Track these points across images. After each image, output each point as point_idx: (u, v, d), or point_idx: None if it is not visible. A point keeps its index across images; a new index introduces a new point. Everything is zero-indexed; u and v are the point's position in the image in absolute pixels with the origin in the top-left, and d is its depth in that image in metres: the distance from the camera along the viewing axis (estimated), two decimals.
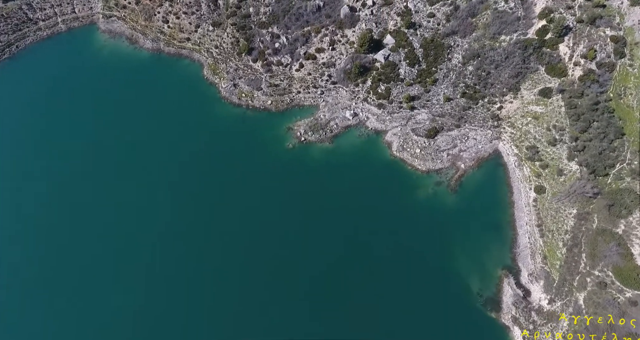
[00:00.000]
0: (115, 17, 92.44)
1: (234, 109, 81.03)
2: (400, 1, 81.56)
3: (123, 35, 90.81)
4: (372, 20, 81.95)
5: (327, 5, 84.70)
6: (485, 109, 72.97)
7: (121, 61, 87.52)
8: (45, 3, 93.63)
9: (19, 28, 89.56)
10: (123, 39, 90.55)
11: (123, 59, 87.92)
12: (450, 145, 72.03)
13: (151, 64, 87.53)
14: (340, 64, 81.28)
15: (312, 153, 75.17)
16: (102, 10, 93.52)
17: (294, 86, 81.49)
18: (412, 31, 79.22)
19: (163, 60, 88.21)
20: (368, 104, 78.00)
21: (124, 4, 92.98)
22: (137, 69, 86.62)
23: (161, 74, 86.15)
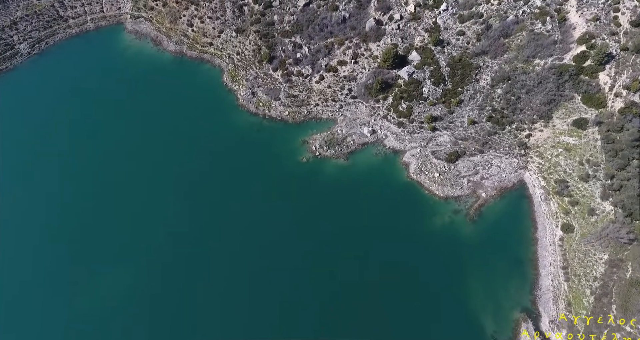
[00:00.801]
0: (142, 18, 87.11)
1: (250, 118, 74.42)
2: (429, 17, 73.39)
3: (148, 37, 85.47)
4: (398, 35, 74.04)
5: (352, 17, 77.14)
6: (512, 136, 64.31)
7: (144, 62, 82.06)
8: (77, 1, 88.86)
9: (50, 25, 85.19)
10: (148, 40, 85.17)
11: (146, 60, 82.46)
12: (471, 171, 63.69)
13: (173, 67, 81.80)
14: (361, 78, 73.74)
15: (326, 169, 67.94)
16: (130, 11, 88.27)
17: (313, 98, 74.35)
18: (439, 49, 71.00)
19: (185, 63, 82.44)
20: (387, 122, 70.24)
21: (151, 5, 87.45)
22: (159, 71, 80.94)
23: (182, 77, 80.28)
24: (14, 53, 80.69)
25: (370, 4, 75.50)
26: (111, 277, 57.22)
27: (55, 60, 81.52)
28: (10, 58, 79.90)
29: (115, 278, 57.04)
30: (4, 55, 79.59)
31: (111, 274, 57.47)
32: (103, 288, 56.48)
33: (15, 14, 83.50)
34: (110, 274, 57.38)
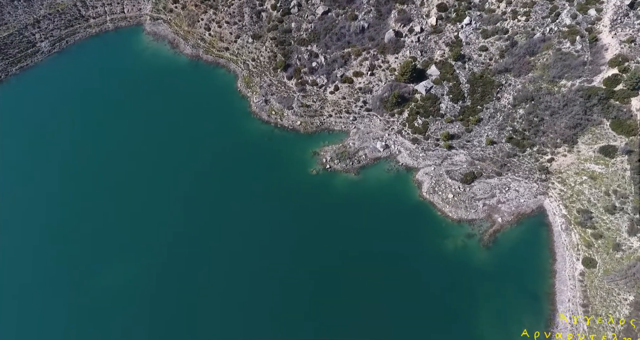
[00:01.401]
0: (161, 20, 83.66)
1: (262, 126, 70.06)
2: (450, 30, 67.84)
3: (166, 39, 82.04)
4: (418, 48, 68.68)
5: (371, 27, 72.04)
6: (533, 159, 58.49)
7: (160, 65, 78.49)
8: (98, 1, 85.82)
9: (71, 24, 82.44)
10: (165, 43, 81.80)
11: (162, 62, 78.91)
12: (487, 194, 58.12)
13: (188, 70, 78.01)
14: (377, 91, 68.67)
15: (336, 183, 63.14)
16: (150, 12, 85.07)
17: (326, 109, 69.59)
18: (460, 64, 65.45)
19: (200, 67, 78.65)
20: (402, 137, 65.03)
21: (171, 7, 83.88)
22: (174, 74, 77.23)
23: (196, 81, 76.43)
24: (35, 51, 78.17)
25: (390, 15, 70.30)
26: (116, 277, 53.62)
27: (74, 59, 78.69)
28: (32, 55, 77.37)
29: (120, 279, 53.46)
30: (26, 53, 77.07)
31: (116, 274, 53.86)
32: (105, 287, 52.78)
33: (39, 13, 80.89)
34: (115, 274, 53.78)
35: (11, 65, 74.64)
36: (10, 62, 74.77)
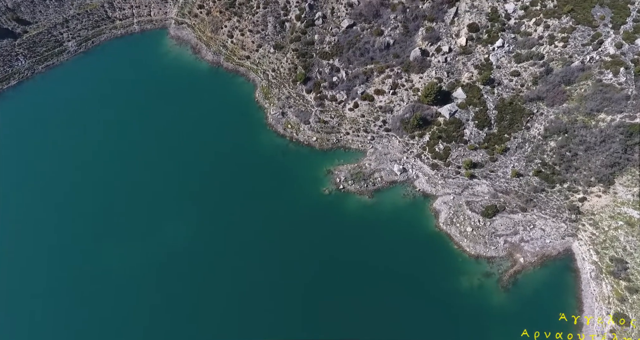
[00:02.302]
0: (185, 25, 79.55)
1: (276, 139, 64.92)
2: (481, 52, 61.10)
3: (189, 44, 77.94)
4: (444, 69, 62.22)
5: (397, 44, 65.86)
6: (562, 197, 51.44)
7: (181, 69, 74.23)
8: (126, 3, 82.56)
9: (98, 25, 79.30)
10: (188, 47, 77.66)
11: (183, 67, 74.61)
12: (510, 230, 51.45)
13: (208, 77, 73.41)
14: (398, 111, 62.56)
15: (349, 205, 57.45)
16: (175, 16, 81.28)
17: (344, 126, 63.91)
18: (488, 88, 58.70)
19: (220, 74, 74.06)
20: (421, 162, 58.80)
21: (196, 12, 79.68)
22: (194, 79, 72.71)
23: (215, 88, 71.75)
24: (62, 50, 75.35)
25: (417, 32, 64.03)
26: (121, 279, 49.91)
27: (98, 59, 75.27)
28: (58, 54, 74.56)
29: (124, 282, 49.74)
30: (53, 52, 74.28)
31: (121, 276, 50.15)
32: (110, 287, 49.18)
33: (68, 12, 78.07)
34: (120, 276, 50.06)
35: (38, 64, 72.02)
36: (37, 61, 72.15)
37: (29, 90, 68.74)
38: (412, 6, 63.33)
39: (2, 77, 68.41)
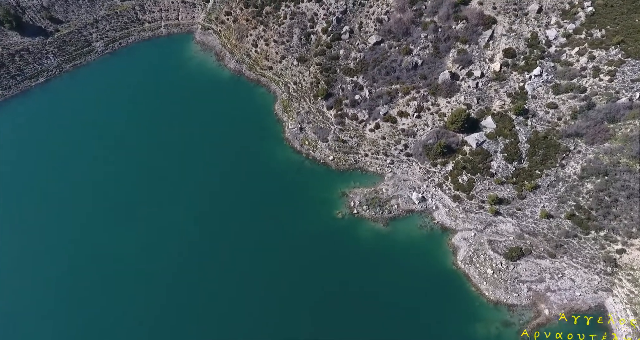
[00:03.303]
0: (211, 30, 75.97)
1: (292, 155, 60.26)
2: (516, 80, 54.64)
3: (213, 50, 74.28)
4: (474, 95, 56.06)
5: (425, 64, 60.02)
6: (598, 246, 44.73)
7: (203, 75, 70.35)
8: (155, 6, 79.65)
9: (126, 26, 76.67)
10: (212, 54, 73.98)
11: (206, 73, 70.73)
12: (535, 277, 45.12)
13: (229, 85, 69.27)
14: (421, 135, 56.81)
15: (361, 231, 52.20)
16: (202, 21, 78.04)
17: (363, 147, 58.68)
18: (521, 119, 52.27)
19: (241, 83, 69.97)
20: (442, 192, 52.95)
21: (223, 19, 75.94)
22: (215, 87, 68.59)
23: (235, 97, 67.51)
24: (90, 50, 73.00)
25: (448, 53, 58.03)
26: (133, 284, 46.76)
27: (123, 61, 72.38)
28: (86, 54, 72.24)
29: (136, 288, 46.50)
30: (81, 51, 72.02)
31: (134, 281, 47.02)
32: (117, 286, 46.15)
33: (99, 13, 75.79)
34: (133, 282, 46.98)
35: (66, 62, 69.90)
36: (65, 59, 70.04)
37: (56, 88, 66.49)
38: (445, 26, 57.40)
39: (31, 75, 66.55)
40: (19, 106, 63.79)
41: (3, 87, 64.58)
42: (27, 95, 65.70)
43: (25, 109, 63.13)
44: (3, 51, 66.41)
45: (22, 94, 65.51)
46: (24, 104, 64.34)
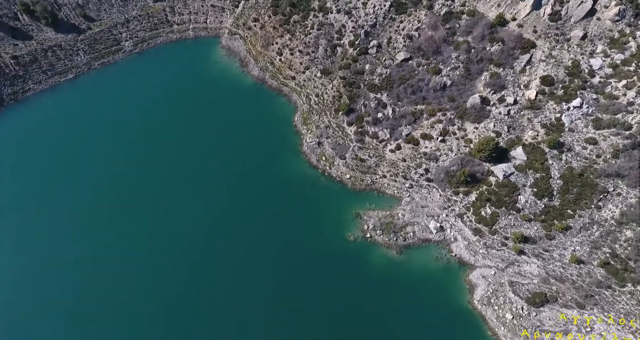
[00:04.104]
0: (238, 36, 73.72)
1: (308, 169, 56.89)
2: (552, 110, 49.43)
3: (237, 56, 72.00)
4: (505, 122, 51.18)
5: (454, 86, 55.47)
6: (634, 301, 39.25)
7: (226, 81, 68.07)
8: (185, 9, 78.25)
9: (156, 27, 75.55)
10: (236, 60, 71.70)
11: (229, 79, 68.44)
12: (559, 328, 40.07)
13: (251, 93, 66.59)
14: (444, 161, 52.36)
15: (373, 257, 48.22)
16: (230, 26, 75.97)
17: (381, 168, 54.72)
18: (555, 153, 47.07)
19: (263, 91, 67.32)
20: (462, 223, 48.40)
21: (250, 25, 73.53)
22: (236, 93, 65.98)
23: (255, 105, 64.63)
24: (119, 49, 72.10)
25: (480, 76, 53.32)
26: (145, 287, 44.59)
27: (150, 62, 71.05)
28: (114, 53, 71.35)
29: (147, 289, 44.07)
30: (110, 50, 71.19)
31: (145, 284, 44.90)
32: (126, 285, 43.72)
33: (131, 13, 74.92)
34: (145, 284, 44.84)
35: (95, 60, 69.09)
36: (94, 57, 69.24)
37: (84, 85, 65.43)
38: (479, 47, 52.75)
39: (61, 70, 65.98)
40: (49, 100, 63.16)
41: (34, 81, 64.14)
42: (56, 90, 65.14)
43: (54, 103, 62.27)
44: (37, 46, 66.01)
45: (51, 89, 64.96)
46: (53, 99, 63.71)
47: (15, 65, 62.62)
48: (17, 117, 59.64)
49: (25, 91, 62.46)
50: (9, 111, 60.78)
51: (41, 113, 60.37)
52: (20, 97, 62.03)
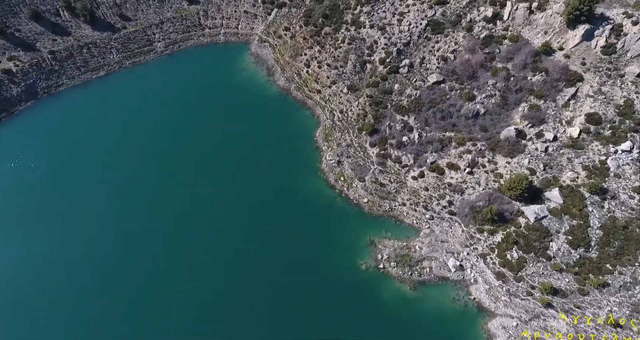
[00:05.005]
0: (267, 44, 71.79)
1: (325, 188, 53.68)
2: (596, 151, 44.07)
3: (265, 64, 69.95)
4: (541, 160, 46.19)
5: (488, 115, 50.85)
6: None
7: (251, 88, 66.02)
8: (218, 13, 77.10)
9: (188, 30, 74.82)
10: (263, 68, 69.69)
11: (254, 87, 66.33)
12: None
13: (274, 103, 64.19)
14: (470, 195, 47.88)
15: (385, 291, 44.36)
16: (260, 33, 74.24)
17: (402, 195, 50.82)
18: (596, 199, 41.79)
19: (287, 103, 64.82)
20: (484, 264, 43.88)
21: (281, 34, 71.37)
22: (260, 102, 63.68)
23: (278, 116, 62.12)
24: (150, 49, 71.63)
25: (517, 107, 48.54)
26: None
27: (179, 64, 70.06)
28: (146, 53, 70.92)
29: None
30: (142, 50, 70.84)
31: None
32: None
33: (166, 15, 74.46)
34: None
35: (126, 59, 68.86)
36: (126, 56, 69.02)
37: (114, 83, 65.04)
38: (519, 75, 48.04)
39: (94, 67, 65.98)
40: (79, 96, 63.34)
41: (68, 76, 64.36)
42: (87, 86, 65.28)
43: (84, 99, 62.30)
44: (74, 42, 66.23)
45: (83, 85, 65.10)
46: (84, 94, 63.83)
47: (52, 60, 62.92)
48: (49, 111, 59.86)
49: (59, 86, 62.69)
50: (41, 104, 61.14)
51: (73, 107, 60.94)
52: (53, 91, 62.33)
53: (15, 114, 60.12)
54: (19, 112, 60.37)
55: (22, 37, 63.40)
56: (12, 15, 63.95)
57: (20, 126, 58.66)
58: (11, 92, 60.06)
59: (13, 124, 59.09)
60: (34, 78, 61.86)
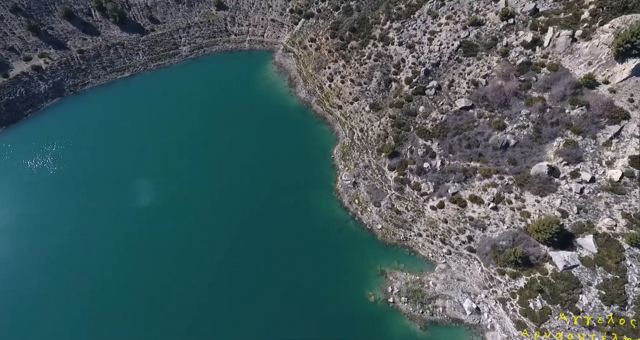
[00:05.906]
0: (292, 54, 69.73)
1: (338, 210, 50.86)
2: (639, 198, 39.32)
3: (287, 74, 67.92)
4: (575, 202, 41.70)
5: (519, 147, 46.64)
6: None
7: (272, 98, 63.92)
8: (245, 20, 75.69)
9: (214, 35, 73.85)
10: (285, 78, 67.68)
11: (275, 97, 64.28)
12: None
13: (294, 114, 61.99)
14: (493, 232, 43.91)
15: (392, 327, 41.08)
16: (285, 42, 72.34)
17: (418, 225, 47.36)
18: (636, 252, 37.09)
19: (306, 116, 62.40)
20: (503, 310, 39.89)
21: (306, 44, 69.03)
22: (280, 113, 61.54)
23: (296, 128, 59.72)
24: (176, 53, 71.04)
25: (552, 141, 44.17)
26: None
27: (203, 69, 69.08)
28: (171, 56, 70.40)
29: None
30: (168, 53, 70.30)
31: None
32: None
33: (193, 19, 73.69)
34: None
35: (151, 61, 68.37)
36: (151, 58, 68.52)
37: (137, 84, 64.62)
38: (556, 107, 43.72)
39: (119, 68, 65.73)
40: (103, 95, 63.19)
41: (94, 75, 64.29)
42: (111, 86, 65.09)
43: (108, 98, 62.06)
44: (103, 42, 66.09)
45: (108, 85, 64.92)
46: (108, 94, 63.62)
47: (80, 59, 62.91)
48: (73, 108, 60.31)
49: (85, 84, 62.66)
50: (67, 101, 61.29)
51: (97, 105, 60.76)
52: (79, 89, 62.38)
53: (41, 110, 60.45)
54: (44, 109, 60.65)
55: (54, 35, 63.71)
56: (47, 13, 64.40)
57: (45, 122, 58.70)
58: (39, 89, 60.37)
59: (38, 119, 59.39)
60: (62, 76, 62.01)
